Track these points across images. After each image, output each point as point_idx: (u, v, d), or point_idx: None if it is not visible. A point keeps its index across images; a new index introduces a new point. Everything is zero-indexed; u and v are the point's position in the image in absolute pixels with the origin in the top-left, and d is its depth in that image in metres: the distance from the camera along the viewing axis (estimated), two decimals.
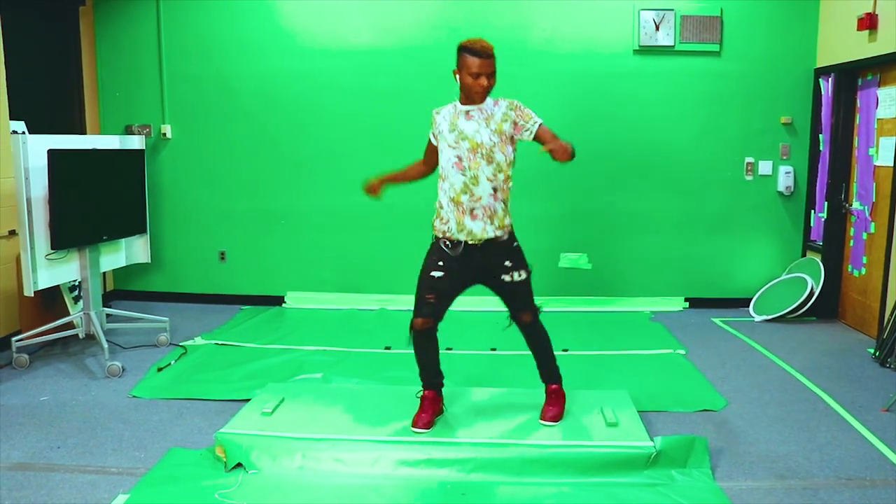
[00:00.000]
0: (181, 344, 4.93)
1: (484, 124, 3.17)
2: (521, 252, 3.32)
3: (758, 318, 5.71)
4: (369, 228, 6.03)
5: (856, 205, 5.45)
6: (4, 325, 4.78)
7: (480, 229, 3.18)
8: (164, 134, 6.01)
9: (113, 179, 4.76)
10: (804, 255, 6.00)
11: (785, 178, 5.89)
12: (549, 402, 3.45)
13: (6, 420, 3.67)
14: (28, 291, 4.31)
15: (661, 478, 3.05)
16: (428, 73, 5.66)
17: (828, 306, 5.67)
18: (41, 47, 5.47)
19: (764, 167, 5.94)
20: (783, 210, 6.01)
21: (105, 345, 4.43)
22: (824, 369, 4.51)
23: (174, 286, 6.21)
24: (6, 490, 2.95)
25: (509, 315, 3.38)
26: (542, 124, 3.23)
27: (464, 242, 3.20)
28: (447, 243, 3.23)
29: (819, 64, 5.78)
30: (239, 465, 3.11)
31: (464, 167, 3.16)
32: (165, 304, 6.02)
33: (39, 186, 4.28)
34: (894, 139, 4.86)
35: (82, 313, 4.65)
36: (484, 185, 3.16)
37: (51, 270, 4.44)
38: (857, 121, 5.46)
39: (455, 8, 5.80)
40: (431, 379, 3.44)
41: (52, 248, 4.35)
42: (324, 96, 5.93)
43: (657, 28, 5.75)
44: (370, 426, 3.36)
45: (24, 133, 4.54)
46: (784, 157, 5.93)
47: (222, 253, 6.17)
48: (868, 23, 4.99)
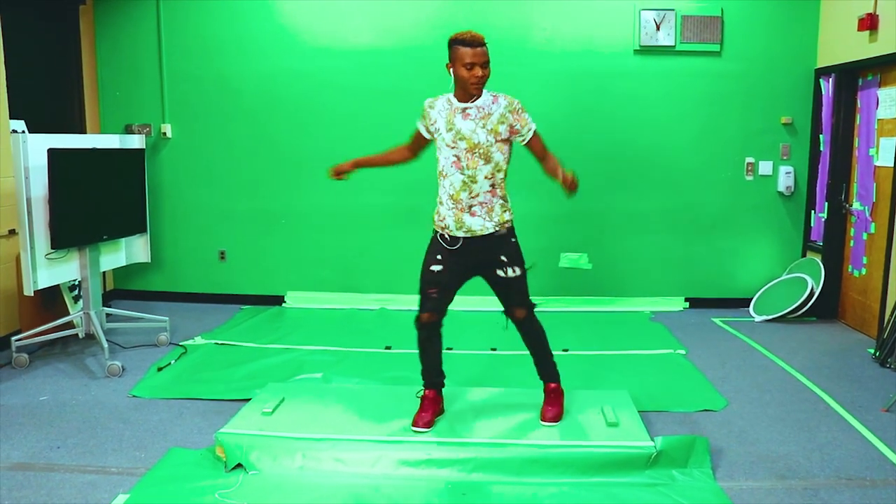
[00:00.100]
0: (181, 343, 4.92)
1: (481, 124, 3.16)
2: (519, 249, 3.32)
3: (758, 319, 5.71)
4: (369, 228, 6.03)
5: (856, 205, 5.45)
6: (4, 325, 4.77)
7: (480, 226, 3.21)
8: (165, 133, 6.00)
9: (113, 179, 4.76)
10: (804, 256, 6.00)
11: (785, 179, 5.89)
12: (549, 402, 3.44)
13: (6, 420, 3.66)
14: (28, 291, 4.31)
15: (662, 478, 3.05)
16: (428, 73, 5.62)
17: (828, 306, 5.67)
18: (41, 46, 5.46)
19: (764, 167, 5.94)
20: (783, 210, 6.01)
21: (105, 344, 4.42)
22: (824, 369, 4.51)
23: (174, 286, 6.21)
24: (6, 490, 2.95)
25: (504, 311, 3.37)
26: (536, 132, 3.25)
27: (462, 238, 3.23)
28: (445, 237, 3.26)
29: (819, 64, 5.78)
30: (239, 466, 3.10)
31: (462, 166, 3.17)
32: (165, 304, 6.02)
33: (39, 186, 4.28)
34: (895, 139, 4.86)
35: (82, 313, 4.64)
36: (482, 184, 3.18)
37: (51, 270, 4.43)
38: (858, 121, 5.46)
39: (455, 8, 5.80)
40: (433, 378, 3.45)
41: (52, 248, 4.34)
42: (324, 96, 5.92)
43: (658, 28, 5.75)
44: (371, 426, 3.36)
45: (24, 132, 4.54)
46: (784, 158, 5.93)
47: (222, 252, 6.16)
48: (868, 23, 4.99)
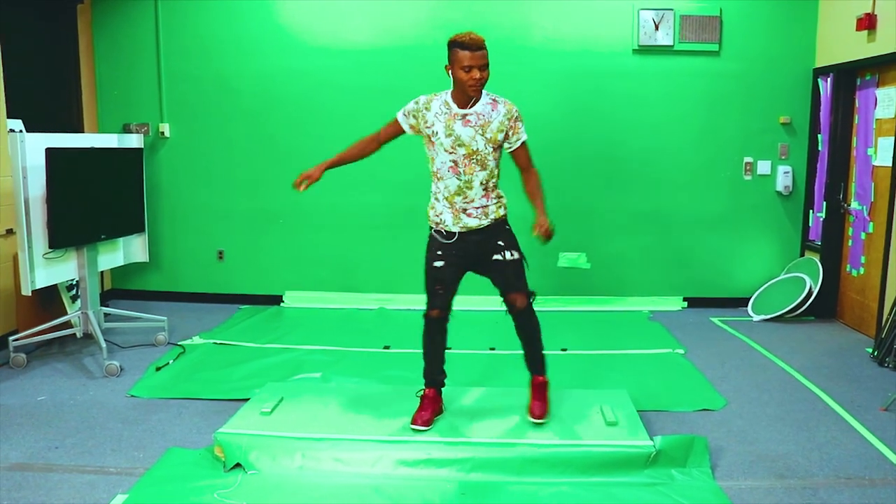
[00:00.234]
0: (179, 343, 4.92)
1: (480, 131, 3.19)
2: (513, 236, 3.35)
3: (756, 318, 5.72)
4: (368, 227, 6.02)
5: (854, 205, 5.46)
6: (1, 325, 4.76)
7: (476, 223, 3.27)
8: (163, 133, 5.99)
9: (111, 178, 4.74)
10: (803, 255, 6.00)
11: (783, 178, 5.90)
12: (537, 397, 3.43)
13: (4, 420, 3.65)
14: (25, 291, 4.30)
15: (661, 477, 3.05)
16: (427, 73, 5.60)
17: (826, 306, 5.68)
18: (39, 45, 5.45)
19: (763, 167, 5.95)
20: (782, 210, 6.01)
21: (103, 344, 4.41)
22: (823, 369, 4.51)
23: (172, 285, 6.20)
24: (5, 491, 2.94)
25: (503, 301, 3.36)
26: (525, 143, 3.33)
27: (458, 232, 3.26)
28: (442, 232, 3.29)
29: (818, 64, 5.78)
30: (238, 465, 3.10)
31: (459, 171, 3.21)
32: (163, 304, 6.01)
33: (37, 185, 4.27)
34: (893, 139, 4.86)
35: (80, 312, 4.63)
36: (477, 189, 3.24)
37: (48, 269, 4.42)
38: (856, 121, 5.46)
39: (454, 7, 5.79)
40: (435, 376, 3.45)
41: (50, 247, 4.33)
42: (322, 95, 5.92)
43: (656, 28, 5.75)
44: (370, 426, 3.35)
45: (22, 131, 4.53)
46: (783, 157, 5.94)
47: (220, 252, 6.15)
48: (867, 23, 5.00)
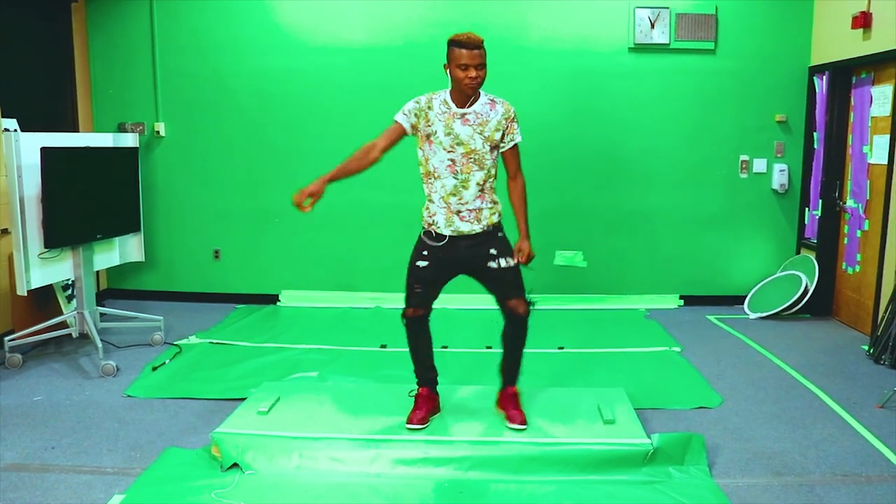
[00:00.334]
0: (176, 343, 4.90)
1: (479, 130, 3.20)
2: (508, 242, 3.33)
3: (752, 316, 5.73)
4: (364, 226, 6.02)
5: (850, 202, 5.47)
6: None
7: (468, 228, 3.24)
8: (158, 132, 5.97)
9: (106, 177, 4.73)
10: (798, 253, 6.02)
11: (779, 176, 5.91)
12: (514, 406, 3.38)
13: (0, 421, 3.64)
14: (21, 291, 4.28)
15: (659, 475, 3.06)
16: (424, 71, 5.62)
17: (822, 303, 5.69)
18: (33, 44, 5.42)
19: (758, 165, 5.96)
20: (778, 208, 6.02)
21: (99, 344, 4.40)
22: (819, 366, 4.52)
23: (168, 285, 6.18)
24: (0, 491, 2.93)
25: (501, 309, 3.32)
26: (517, 145, 3.34)
27: (448, 235, 3.25)
28: (432, 234, 3.28)
29: (814, 62, 5.79)
30: (235, 465, 3.09)
31: (456, 171, 3.21)
32: (159, 303, 6.00)
33: (32, 185, 4.26)
34: (888, 137, 4.87)
35: (76, 312, 4.62)
36: (472, 190, 3.23)
37: (44, 269, 4.41)
38: (852, 119, 5.47)
39: (450, 5, 5.78)
40: (426, 374, 3.44)
41: (46, 247, 4.31)
42: (319, 93, 5.90)
43: (652, 26, 5.75)
44: (367, 425, 3.35)
45: (17, 131, 4.51)
46: (779, 155, 5.95)
47: (216, 251, 6.14)
48: (862, 21, 5.01)
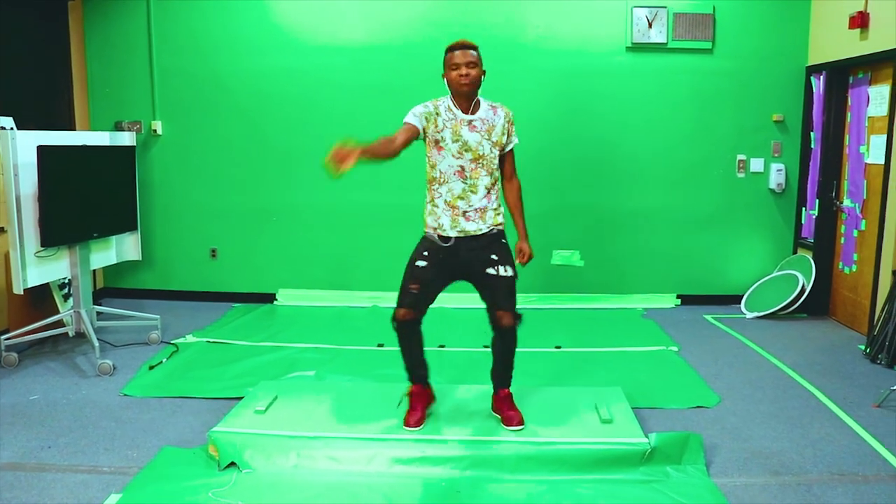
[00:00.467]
0: (172, 342, 4.89)
1: (486, 136, 3.23)
2: (510, 251, 3.33)
3: (749, 315, 5.73)
4: (361, 225, 6.01)
5: (847, 202, 5.48)
6: None
7: (474, 228, 3.25)
8: (155, 130, 5.96)
9: (103, 176, 4.72)
10: (795, 253, 6.02)
11: (776, 176, 5.92)
12: (509, 407, 3.39)
13: None
14: (17, 289, 4.27)
15: (656, 474, 3.06)
16: (421, 70, 5.63)
17: (818, 303, 5.70)
18: (29, 42, 5.40)
19: (756, 164, 5.96)
20: (775, 207, 6.03)
21: (96, 343, 4.39)
22: (816, 366, 4.53)
23: (165, 284, 6.17)
24: None
25: (490, 316, 3.32)
26: (514, 147, 3.38)
27: (454, 237, 3.24)
28: (437, 236, 3.27)
29: (811, 62, 5.80)
30: (232, 464, 3.09)
31: (466, 176, 3.23)
32: (156, 302, 5.99)
33: (28, 183, 4.24)
34: (885, 137, 4.88)
35: (72, 311, 4.60)
36: (480, 193, 3.25)
37: (40, 268, 4.39)
38: (849, 119, 5.48)
39: (448, 5, 5.78)
40: (417, 371, 3.43)
41: (42, 246, 4.30)
42: (316, 93, 5.89)
43: (650, 25, 5.76)
44: (364, 424, 3.34)
45: (13, 129, 4.50)
46: (776, 155, 5.96)
47: (213, 250, 6.13)
48: (859, 21, 5.01)
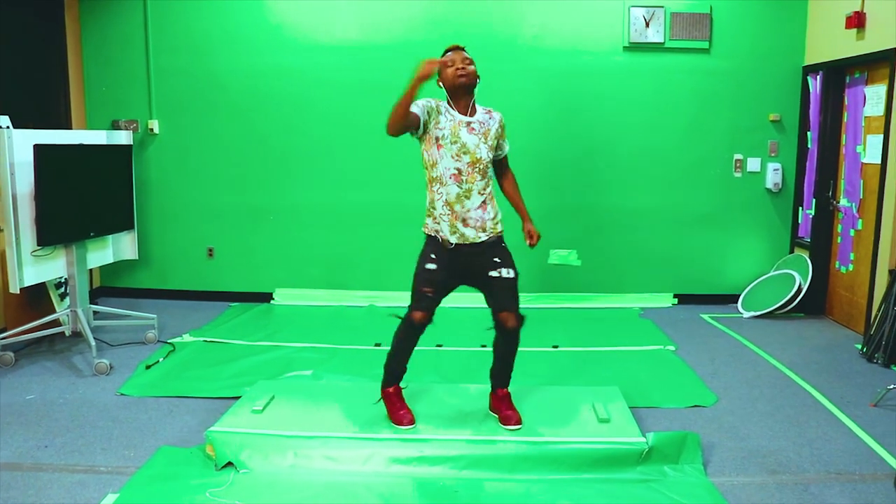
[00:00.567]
0: (169, 341, 4.89)
1: (483, 139, 3.23)
2: (510, 253, 3.34)
3: (746, 315, 5.74)
4: (358, 224, 6.01)
5: (843, 202, 5.49)
6: None
7: (473, 235, 3.24)
8: (152, 129, 5.95)
9: (100, 175, 4.70)
10: (792, 252, 6.03)
11: (773, 175, 5.93)
12: (507, 406, 3.39)
13: None
14: (13, 289, 4.26)
15: (654, 474, 3.06)
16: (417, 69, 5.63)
17: (815, 302, 5.72)
18: (26, 40, 5.38)
19: (752, 164, 5.97)
20: (771, 207, 6.04)
21: (92, 342, 4.38)
22: (813, 365, 4.54)
23: (162, 283, 6.16)
24: None
25: (493, 319, 3.32)
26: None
27: (454, 243, 3.23)
28: (439, 240, 3.26)
29: (807, 62, 5.81)
30: (230, 464, 3.08)
31: (461, 180, 3.21)
32: (153, 301, 5.98)
33: (25, 182, 4.23)
34: (881, 137, 4.89)
35: (69, 310, 4.59)
36: (475, 199, 3.23)
37: (37, 267, 4.38)
38: (845, 118, 5.49)
39: (445, 4, 5.77)
40: (400, 372, 3.42)
41: (38, 245, 4.29)
42: (313, 92, 5.89)
43: (647, 25, 5.76)
44: (362, 423, 3.34)
45: (9, 128, 4.48)
46: (772, 154, 5.97)
47: (210, 249, 6.12)
48: (856, 21, 5.02)
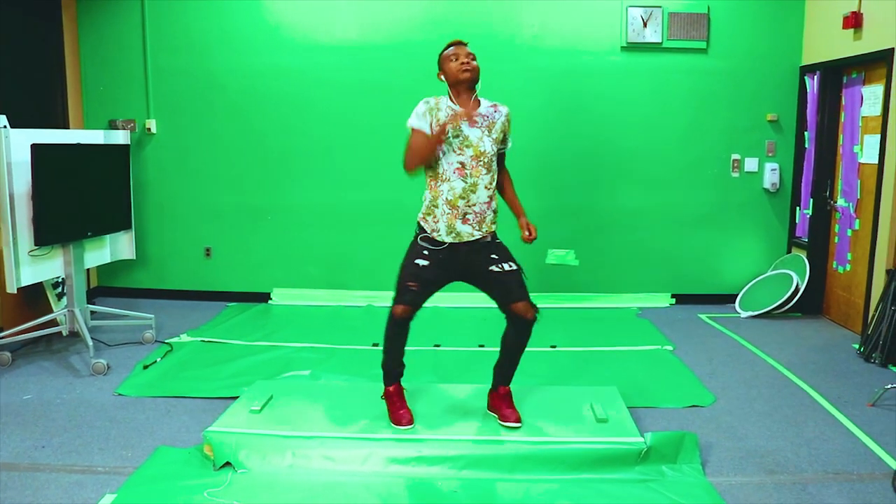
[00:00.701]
0: (167, 341, 4.88)
1: (487, 132, 3.21)
2: (506, 248, 3.31)
3: (744, 315, 5.75)
4: (356, 224, 6.00)
5: (841, 202, 5.50)
6: None
7: (468, 233, 3.20)
8: (149, 129, 5.94)
9: (97, 175, 4.70)
10: (789, 252, 6.05)
11: (771, 175, 5.93)
12: (507, 405, 3.38)
13: None
14: (11, 288, 4.25)
15: (652, 473, 3.07)
16: (416, 69, 5.63)
17: (813, 302, 5.72)
18: (23, 40, 5.37)
19: (750, 164, 5.98)
20: (769, 207, 6.05)
21: (90, 342, 4.37)
22: (810, 365, 4.55)
23: (159, 283, 6.15)
24: None
25: (506, 313, 3.26)
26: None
27: (448, 242, 3.20)
28: (431, 239, 3.22)
29: (805, 62, 5.82)
30: (228, 464, 3.08)
31: (466, 174, 3.17)
32: (150, 301, 5.97)
33: (22, 182, 4.22)
34: (878, 137, 4.90)
35: (66, 310, 4.58)
36: (481, 193, 3.19)
37: (34, 267, 4.37)
38: (842, 118, 5.51)
39: (443, 4, 5.77)
40: (397, 370, 3.40)
41: (36, 245, 4.28)
42: (311, 91, 5.88)
43: (645, 25, 5.76)
44: (360, 423, 3.34)
45: (6, 127, 4.47)
46: (770, 154, 5.97)
47: (208, 249, 6.11)
48: (853, 21, 5.03)
